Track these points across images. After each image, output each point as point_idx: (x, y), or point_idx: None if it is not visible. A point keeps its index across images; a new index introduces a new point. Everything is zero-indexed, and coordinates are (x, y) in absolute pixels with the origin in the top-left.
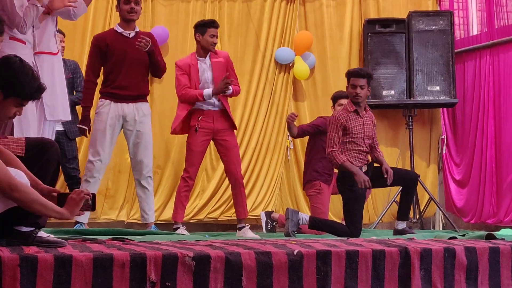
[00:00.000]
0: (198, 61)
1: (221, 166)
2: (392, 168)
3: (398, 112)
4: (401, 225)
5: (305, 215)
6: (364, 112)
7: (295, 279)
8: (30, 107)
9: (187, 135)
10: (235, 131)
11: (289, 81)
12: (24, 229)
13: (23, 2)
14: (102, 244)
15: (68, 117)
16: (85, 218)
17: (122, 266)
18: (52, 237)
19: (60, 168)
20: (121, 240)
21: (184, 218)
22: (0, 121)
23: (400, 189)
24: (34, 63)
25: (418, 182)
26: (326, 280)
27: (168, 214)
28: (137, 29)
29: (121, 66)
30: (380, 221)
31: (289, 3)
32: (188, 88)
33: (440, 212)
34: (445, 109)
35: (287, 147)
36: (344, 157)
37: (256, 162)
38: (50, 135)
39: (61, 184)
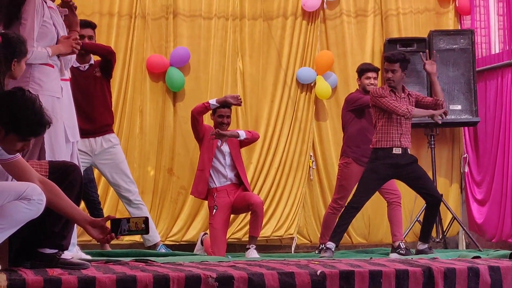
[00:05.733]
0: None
1: None
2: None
3: (419, 132)
4: (422, 246)
5: None
6: (402, 93)
7: None
8: (60, 130)
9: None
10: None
11: (311, 100)
12: (48, 251)
13: (43, 37)
14: (125, 266)
15: (78, 138)
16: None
17: (146, 287)
18: (75, 259)
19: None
20: (144, 262)
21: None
22: (9, 153)
23: (423, 208)
24: (62, 88)
25: (441, 203)
26: None
27: (191, 234)
28: (92, 62)
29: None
30: (404, 240)
31: (309, 22)
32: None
33: (463, 231)
34: (467, 128)
35: (310, 166)
36: (411, 107)
37: (280, 181)
38: (71, 157)
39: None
